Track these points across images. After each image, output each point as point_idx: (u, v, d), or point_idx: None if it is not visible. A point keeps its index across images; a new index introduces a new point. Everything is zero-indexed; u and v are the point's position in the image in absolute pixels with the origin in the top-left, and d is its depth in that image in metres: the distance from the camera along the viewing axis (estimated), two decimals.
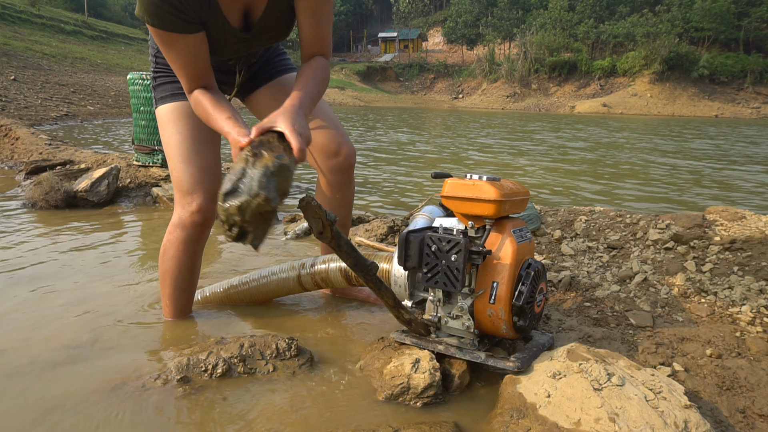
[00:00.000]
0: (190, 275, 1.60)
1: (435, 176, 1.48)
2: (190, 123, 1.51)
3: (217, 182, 1.52)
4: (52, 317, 1.64)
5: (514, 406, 1.15)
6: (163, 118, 1.55)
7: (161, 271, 1.59)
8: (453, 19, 57.10)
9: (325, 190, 1.67)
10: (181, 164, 1.49)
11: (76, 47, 27.38)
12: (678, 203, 4.46)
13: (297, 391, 1.27)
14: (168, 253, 1.56)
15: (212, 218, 1.53)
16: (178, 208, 1.52)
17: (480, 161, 7.22)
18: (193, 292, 1.67)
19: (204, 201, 1.49)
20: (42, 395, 1.22)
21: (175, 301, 1.62)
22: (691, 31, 42.62)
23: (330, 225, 1.09)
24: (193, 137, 1.51)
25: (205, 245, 1.60)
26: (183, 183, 1.49)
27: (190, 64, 1.30)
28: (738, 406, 1.22)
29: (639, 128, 17.06)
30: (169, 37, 1.25)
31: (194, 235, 1.52)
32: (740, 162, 7.84)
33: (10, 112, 9.05)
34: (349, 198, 1.72)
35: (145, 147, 3.74)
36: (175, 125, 1.52)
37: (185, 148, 1.50)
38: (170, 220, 1.55)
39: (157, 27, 1.22)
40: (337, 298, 1.89)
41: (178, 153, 1.50)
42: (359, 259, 1.20)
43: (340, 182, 1.66)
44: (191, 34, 1.26)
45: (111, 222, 2.96)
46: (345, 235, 1.23)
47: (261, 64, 1.66)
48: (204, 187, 1.49)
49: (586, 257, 2.03)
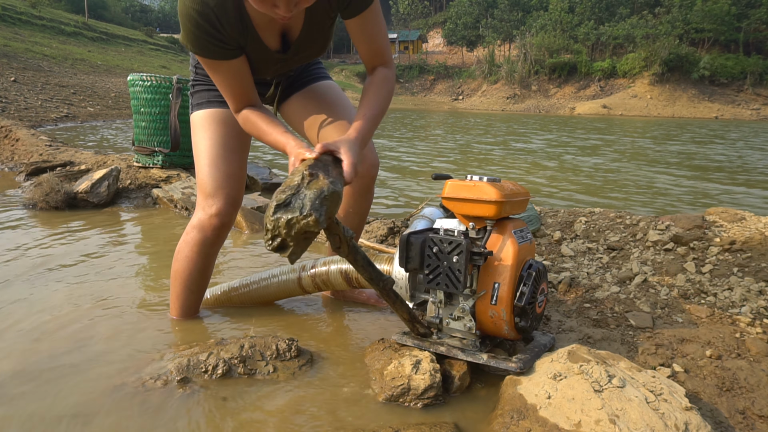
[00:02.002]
0: (200, 277, 1.62)
1: (435, 177, 1.48)
2: (220, 129, 1.56)
3: (239, 189, 1.57)
4: (52, 317, 1.64)
5: (515, 407, 1.16)
6: (196, 123, 1.60)
7: (173, 269, 1.61)
8: (453, 20, 57.16)
9: (344, 197, 1.67)
10: (206, 167, 1.54)
11: (76, 48, 27.39)
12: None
13: (297, 393, 1.27)
14: (182, 253, 1.58)
15: (230, 223, 1.56)
16: (198, 210, 1.56)
17: (480, 162, 7.22)
18: (202, 294, 1.68)
19: (224, 205, 1.53)
20: (42, 395, 1.22)
21: (183, 301, 1.64)
22: (691, 32, 42.68)
23: (348, 241, 1.13)
24: (221, 143, 1.55)
25: (219, 250, 1.63)
26: (206, 186, 1.53)
27: (235, 86, 1.36)
28: (738, 407, 1.22)
29: (638, 130, 17.06)
30: (213, 63, 1.32)
31: (210, 238, 1.55)
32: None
33: (10, 113, 9.05)
34: (365, 208, 1.72)
35: (145, 148, 3.74)
36: (206, 130, 1.57)
37: (213, 152, 1.54)
38: (189, 221, 1.58)
39: (200, 55, 1.30)
40: (337, 299, 1.89)
41: (205, 156, 1.55)
42: (375, 274, 1.23)
43: (359, 191, 1.66)
44: (233, 59, 1.32)
45: (111, 223, 2.96)
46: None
47: (296, 75, 1.70)
48: (225, 192, 1.53)
49: (586, 258, 2.03)
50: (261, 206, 3.16)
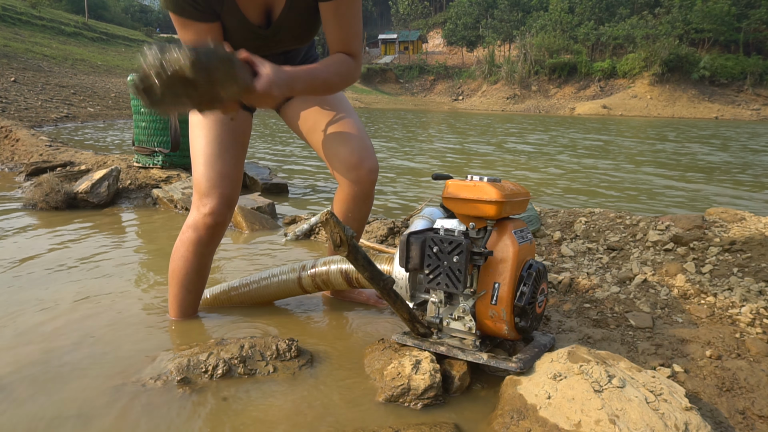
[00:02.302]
0: (197, 277, 1.61)
1: (436, 177, 1.49)
2: (217, 129, 1.56)
3: (234, 189, 1.57)
4: (51, 317, 1.64)
5: (515, 407, 1.16)
6: (193, 122, 1.60)
7: (170, 269, 1.61)
8: (453, 20, 57.18)
9: (342, 201, 1.67)
10: (202, 167, 1.54)
11: (76, 49, 27.40)
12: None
13: (297, 393, 1.27)
14: (178, 252, 1.59)
15: (224, 223, 1.56)
16: (193, 209, 1.56)
17: (480, 162, 7.22)
18: (200, 294, 1.68)
19: (218, 205, 1.53)
20: (41, 396, 1.22)
21: (180, 301, 1.64)
22: (691, 32, 42.70)
23: (348, 240, 1.13)
24: (218, 142, 1.55)
25: (215, 249, 1.62)
26: (201, 185, 1.54)
27: None
28: (738, 407, 1.22)
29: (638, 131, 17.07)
30: (182, 20, 1.33)
31: (205, 238, 1.55)
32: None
33: (10, 113, 9.05)
34: (364, 212, 1.71)
35: (145, 148, 3.75)
36: (202, 129, 1.57)
37: (208, 151, 1.54)
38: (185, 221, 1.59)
39: (170, 9, 1.32)
40: (337, 299, 1.89)
41: (201, 155, 1.55)
42: (376, 273, 1.23)
43: (358, 196, 1.64)
44: (202, 23, 1.33)
45: (111, 223, 2.96)
46: None
47: None
48: (220, 192, 1.53)
49: (586, 258, 2.03)
50: (261, 206, 3.16)
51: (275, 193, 4.15)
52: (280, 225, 3.03)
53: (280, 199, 3.94)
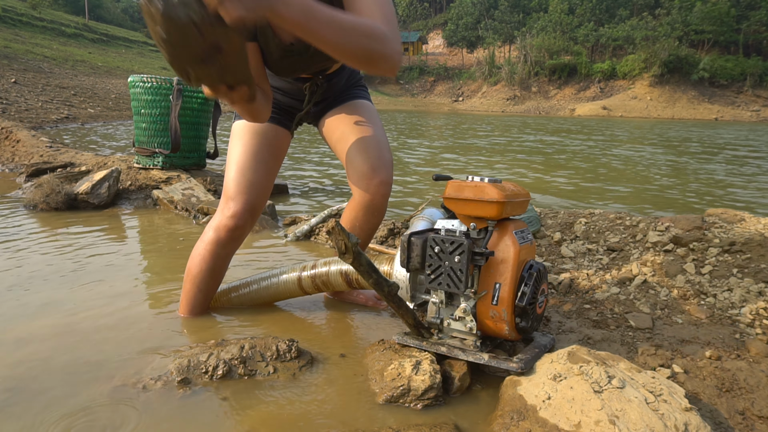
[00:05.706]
0: (210, 277, 1.64)
1: (436, 178, 1.49)
2: (255, 140, 1.62)
3: (260, 199, 1.60)
4: (51, 318, 1.64)
5: (515, 408, 1.16)
6: (234, 131, 1.67)
7: (187, 267, 1.65)
8: (453, 21, 57.26)
9: (351, 209, 1.67)
10: (233, 173, 1.59)
11: (76, 50, 27.43)
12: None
13: (297, 393, 1.27)
14: (197, 250, 1.63)
15: (244, 227, 1.59)
16: (218, 211, 1.60)
17: (480, 163, 7.23)
18: (210, 295, 1.70)
19: (241, 210, 1.56)
20: (42, 396, 1.22)
21: (190, 299, 1.66)
22: (691, 34, 42.76)
23: (352, 247, 1.16)
24: (253, 153, 1.61)
25: (232, 254, 1.65)
26: (229, 188, 1.59)
27: None
28: (737, 408, 1.22)
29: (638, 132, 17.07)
30: None
31: (224, 240, 1.58)
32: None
33: (10, 114, 9.06)
34: (372, 225, 1.69)
35: (145, 149, 3.75)
36: (241, 139, 1.63)
37: (243, 159, 1.60)
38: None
39: None
40: (337, 300, 1.89)
41: (235, 162, 1.60)
42: (380, 279, 1.24)
43: (367, 207, 1.63)
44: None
45: (111, 224, 2.97)
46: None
47: (338, 93, 1.72)
48: (245, 198, 1.57)
49: (586, 259, 2.04)
50: None
51: (275, 193, 4.15)
52: (280, 226, 3.03)
53: (280, 200, 3.94)
